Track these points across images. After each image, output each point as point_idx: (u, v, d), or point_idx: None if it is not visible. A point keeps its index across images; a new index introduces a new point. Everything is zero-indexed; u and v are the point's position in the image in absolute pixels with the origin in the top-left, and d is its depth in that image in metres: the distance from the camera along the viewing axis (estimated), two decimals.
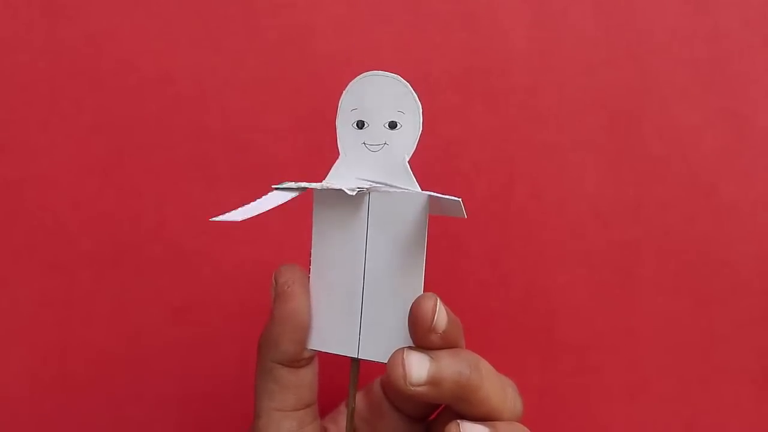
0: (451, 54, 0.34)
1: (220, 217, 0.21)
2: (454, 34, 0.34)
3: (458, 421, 0.22)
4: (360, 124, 0.24)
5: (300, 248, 0.26)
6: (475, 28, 0.34)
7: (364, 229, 0.23)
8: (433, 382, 0.21)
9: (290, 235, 0.33)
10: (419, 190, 0.23)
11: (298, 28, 0.33)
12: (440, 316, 0.22)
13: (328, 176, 0.24)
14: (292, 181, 0.24)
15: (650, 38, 0.34)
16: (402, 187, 0.23)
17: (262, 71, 0.33)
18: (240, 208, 0.22)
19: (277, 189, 0.23)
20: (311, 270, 0.24)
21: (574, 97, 0.34)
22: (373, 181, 0.24)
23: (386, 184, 0.24)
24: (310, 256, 0.24)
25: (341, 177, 0.24)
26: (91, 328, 0.33)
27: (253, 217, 0.21)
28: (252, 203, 0.22)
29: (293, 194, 0.23)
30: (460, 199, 0.21)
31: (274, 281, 0.24)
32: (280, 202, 0.23)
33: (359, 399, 0.28)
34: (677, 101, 0.34)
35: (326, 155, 0.24)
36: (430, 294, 0.22)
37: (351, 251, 0.24)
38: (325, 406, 0.26)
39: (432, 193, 0.22)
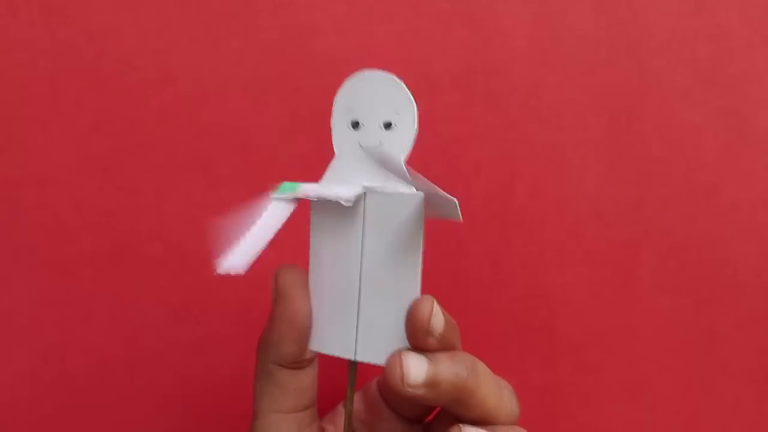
0: (452, 53, 0.34)
1: (225, 269, 0.21)
2: (454, 34, 0.34)
3: (460, 425, 0.22)
4: (355, 125, 0.23)
5: (300, 247, 0.26)
6: (475, 27, 0.34)
7: (360, 230, 0.23)
8: (430, 384, 0.21)
9: (290, 235, 0.33)
10: (414, 190, 0.23)
11: (298, 28, 0.33)
12: (437, 318, 0.21)
13: (324, 177, 0.24)
14: (289, 182, 0.23)
15: (650, 38, 0.34)
16: (397, 188, 0.23)
17: (262, 71, 0.33)
18: (239, 248, 0.21)
19: (275, 199, 0.23)
20: (309, 271, 0.24)
21: (574, 96, 0.34)
22: (368, 186, 0.23)
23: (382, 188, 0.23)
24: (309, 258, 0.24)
25: (337, 179, 0.24)
26: (91, 328, 0.33)
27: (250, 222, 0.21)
28: (248, 238, 0.22)
29: (290, 208, 0.23)
30: (455, 200, 0.20)
31: (274, 282, 0.24)
32: (275, 229, 0.23)
33: (356, 400, 0.28)
34: (677, 101, 0.34)
35: (326, 155, 0.24)
36: (427, 297, 0.22)
37: (347, 253, 0.23)
38: (323, 406, 0.26)
39: (428, 191, 0.22)
